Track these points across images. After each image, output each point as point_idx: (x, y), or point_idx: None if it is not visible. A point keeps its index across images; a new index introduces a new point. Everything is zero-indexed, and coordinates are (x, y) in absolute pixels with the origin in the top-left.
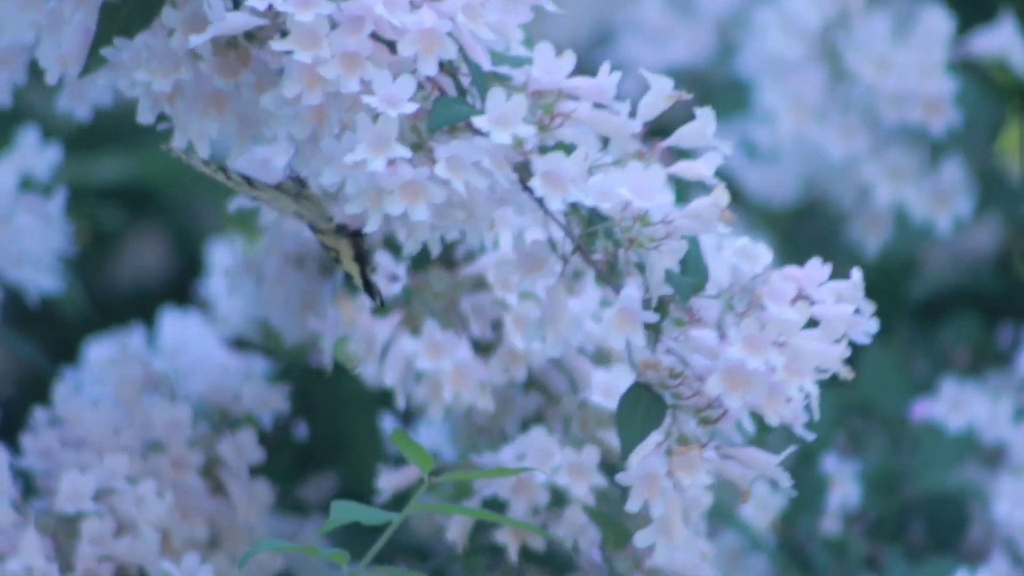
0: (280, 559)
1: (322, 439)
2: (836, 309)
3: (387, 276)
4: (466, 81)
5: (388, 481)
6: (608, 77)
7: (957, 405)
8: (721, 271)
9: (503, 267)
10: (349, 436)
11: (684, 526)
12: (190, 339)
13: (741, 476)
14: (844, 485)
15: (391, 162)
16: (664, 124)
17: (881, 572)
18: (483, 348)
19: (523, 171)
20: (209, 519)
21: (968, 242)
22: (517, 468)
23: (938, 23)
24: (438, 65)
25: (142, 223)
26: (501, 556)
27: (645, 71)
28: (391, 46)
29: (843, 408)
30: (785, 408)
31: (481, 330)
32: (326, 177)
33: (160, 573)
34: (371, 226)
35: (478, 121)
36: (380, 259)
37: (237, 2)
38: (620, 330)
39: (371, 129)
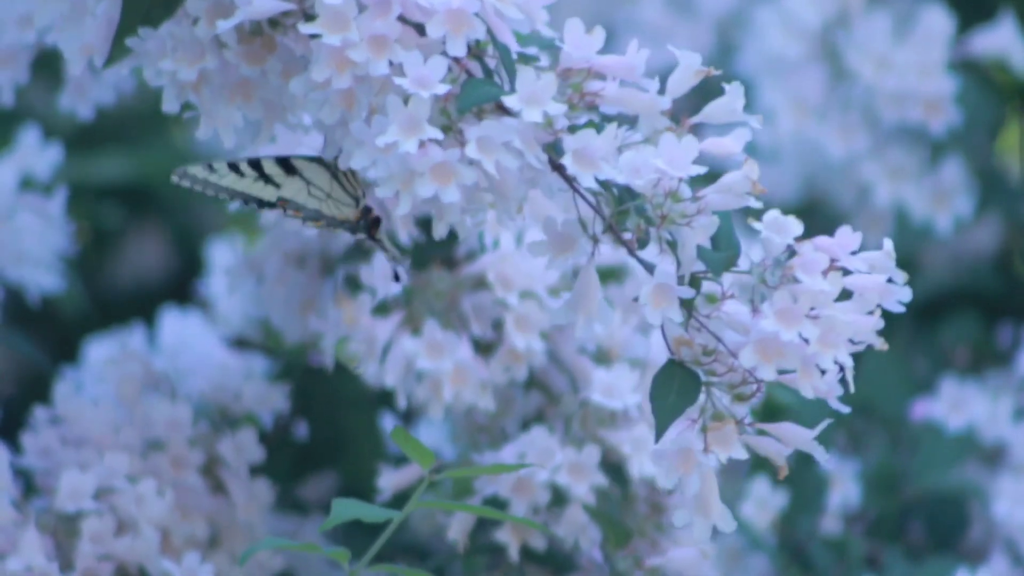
0: (280, 558)
1: (322, 438)
2: (869, 279)
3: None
4: (492, 64)
5: (389, 480)
6: (636, 54)
7: (957, 405)
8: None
9: (535, 248)
10: (349, 436)
11: (719, 503)
12: (190, 338)
13: (777, 451)
14: (844, 485)
15: (422, 144)
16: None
17: (881, 571)
18: (484, 348)
19: (552, 151)
20: (209, 518)
21: (968, 242)
22: (517, 464)
23: (938, 23)
24: (466, 48)
25: (142, 222)
26: (502, 555)
27: (672, 47)
28: (419, 28)
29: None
30: (820, 381)
31: (482, 330)
32: (356, 160)
33: (160, 572)
34: (402, 208)
35: (508, 100)
36: (379, 259)
37: None
38: (657, 307)
39: (402, 111)
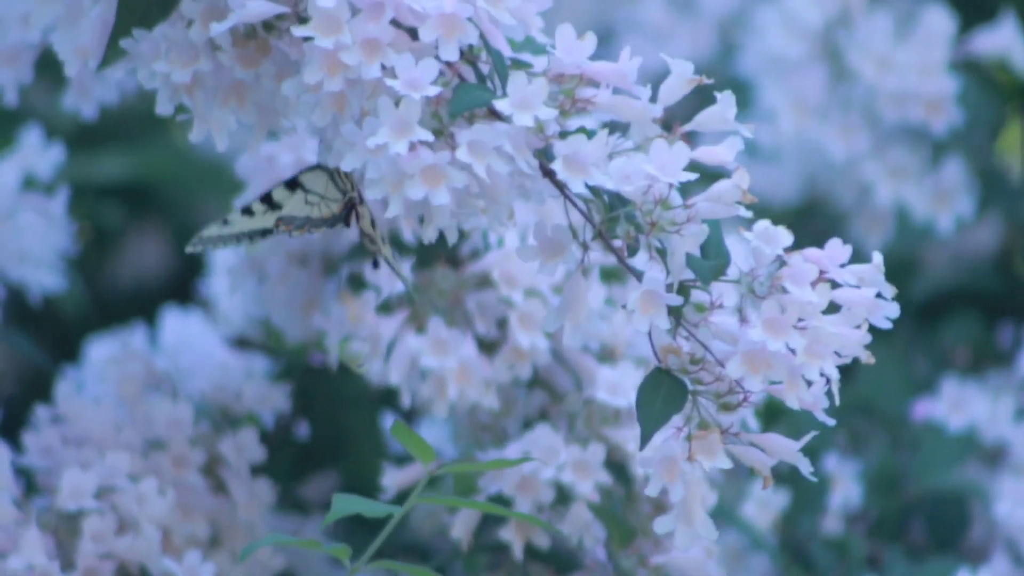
0: (281, 558)
1: (323, 438)
2: (858, 293)
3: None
4: (485, 69)
5: (392, 479)
6: (629, 62)
7: (958, 405)
8: (741, 255)
9: (525, 253)
10: (350, 435)
11: (703, 512)
12: (191, 338)
13: (761, 462)
14: (845, 485)
15: (412, 146)
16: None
17: (882, 571)
18: (488, 346)
19: (543, 157)
20: (210, 517)
21: (969, 242)
22: (519, 459)
23: (939, 23)
24: (458, 52)
25: (143, 221)
26: (504, 555)
27: (665, 55)
28: (411, 33)
29: (844, 408)
30: (805, 392)
31: (486, 328)
32: (347, 162)
33: (161, 571)
34: (392, 211)
35: (500, 104)
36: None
37: None
38: (645, 313)
39: (393, 113)
